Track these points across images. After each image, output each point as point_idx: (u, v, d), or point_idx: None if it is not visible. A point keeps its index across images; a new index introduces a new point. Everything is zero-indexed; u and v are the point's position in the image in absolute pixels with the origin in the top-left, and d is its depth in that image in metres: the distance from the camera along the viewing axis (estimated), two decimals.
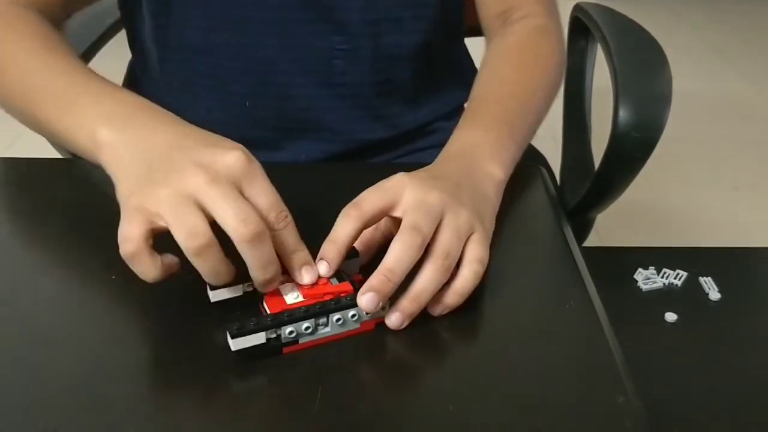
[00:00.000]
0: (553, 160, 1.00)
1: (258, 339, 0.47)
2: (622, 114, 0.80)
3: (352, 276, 0.51)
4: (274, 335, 0.47)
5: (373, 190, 0.52)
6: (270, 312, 0.48)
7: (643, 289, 0.91)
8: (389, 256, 0.49)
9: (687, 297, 0.89)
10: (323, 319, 0.48)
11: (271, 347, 0.47)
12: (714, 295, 0.89)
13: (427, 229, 0.50)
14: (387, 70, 0.77)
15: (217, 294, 0.50)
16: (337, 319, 0.48)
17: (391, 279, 0.48)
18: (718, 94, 2.50)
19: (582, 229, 0.99)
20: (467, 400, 0.45)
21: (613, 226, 1.71)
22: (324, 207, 0.52)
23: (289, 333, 0.47)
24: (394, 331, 0.50)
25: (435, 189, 0.52)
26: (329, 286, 0.50)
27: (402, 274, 0.48)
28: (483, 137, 0.63)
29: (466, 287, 0.51)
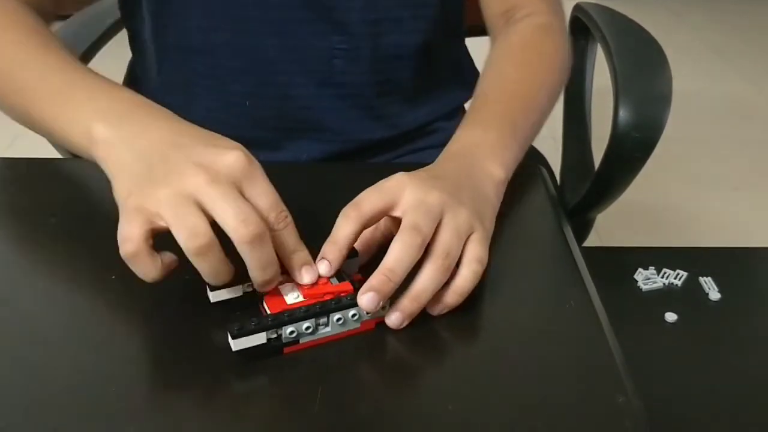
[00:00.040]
0: (553, 160, 1.00)
1: (259, 339, 0.47)
2: (622, 114, 0.80)
3: (352, 276, 0.51)
4: (275, 335, 0.47)
5: (373, 190, 0.52)
6: (270, 312, 0.48)
7: (643, 289, 0.91)
8: (389, 256, 0.49)
9: (687, 297, 0.89)
10: (324, 319, 0.48)
11: (272, 347, 0.47)
12: (714, 295, 0.89)
13: (427, 229, 0.50)
14: (387, 70, 0.77)
15: (217, 294, 0.50)
16: (337, 319, 0.48)
17: (391, 279, 0.48)
18: (718, 94, 2.50)
19: (582, 229, 0.99)
20: (467, 400, 0.45)
21: (613, 226, 1.71)
22: (324, 207, 0.52)
23: (290, 333, 0.47)
24: (394, 331, 0.50)
25: (435, 189, 0.52)
26: (329, 286, 0.50)
27: (402, 274, 0.48)
28: (484, 136, 0.62)
29: (466, 287, 0.51)
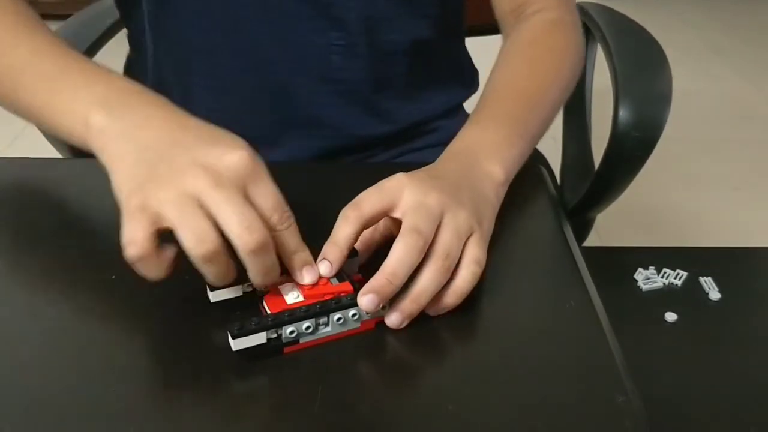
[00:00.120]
0: (553, 160, 1.00)
1: (259, 339, 0.46)
2: (622, 114, 0.80)
3: (352, 276, 0.51)
4: (275, 335, 0.47)
5: (373, 190, 0.52)
6: (270, 312, 0.48)
7: (643, 289, 0.91)
8: (391, 258, 0.48)
9: (687, 297, 0.89)
10: (324, 319, 0.48)
11: (272, 347, 0.47)
12: (714, 295, 0.89)
13: (427, 231, 0.50)
14: (384, 67, 0.77)
15: (217, 294, 0.50)
16: (337, 319, 0.48)
17: (392, 282, 0.48)
18: (718, 94, 2.50)
19: (582, 229, 0.99)
20: (467, 400, 0.45)
21: (613, 226, 1.71)
22: (324, 207, 0.52)
23: (290, 333, 0.47)
24: (394, 331, 0.50)
25: (434, 190, 0.52)
26: (329, 286, 0.50)
27: (404, 276, 0.48)
28: (486, 134, 0.62)
29: (464, 288, 0.51)
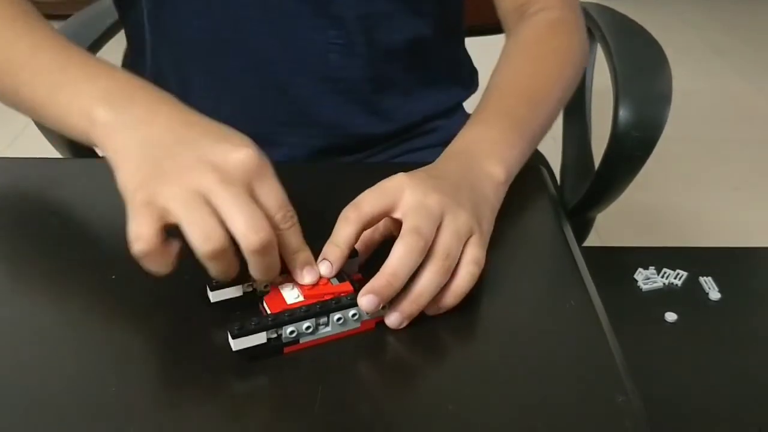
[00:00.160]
0: (553, 160, 1.00)
1: (259, 339, 0.46)
2: (622, 113, 0.80)
3: (352, 276, 0.51)
4: (275, 335, 0.47)
5: (373, 191, 0.52)
6: (270, 312, 0.48)
7: (643, 289, 0.91)
8: (392, 260, 0.48)
9: (687, 297, 0.89)
10: (324, 319, 0.48)
11: (272, 347, 0.47)
12: (714, 295, 0.89)
13: (428, 232, 0.49)
14: (382, 65, 0.77)
15: (217, 294, 0.50)
16: (337, 319, 0.48)
17: (393, 283, 0.48)
18: (718, 94, 2.50)
19: (582, 229, 0.99)
20: (467, 400, 0.45)
21: (613, 226, 1.71)
22: (324, 207, 0.52)
23: (290, 333, 0.47)
24: (394, 331, 0.50)
25: (434, 190, 0.52)
26: (329, 286, 0.50)
27: (404, 277, 0.48)
28: (486, 134, 0.62)
29: (462, 288, 0.51)
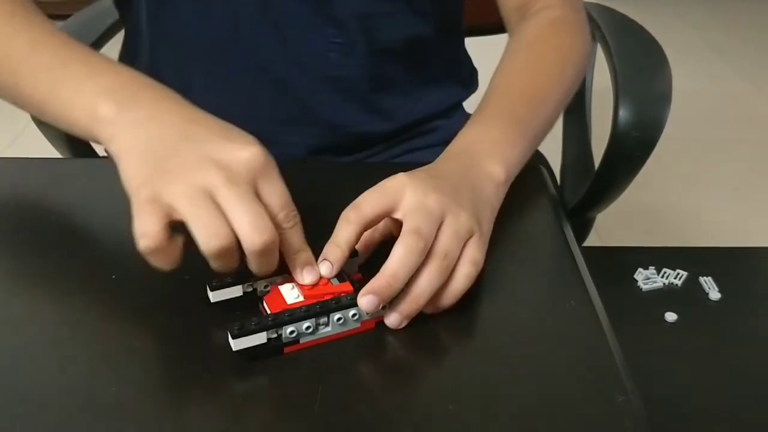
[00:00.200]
0: (553, 160, 1.00)
1: (259, 339, 0.46)
2: (622, 113, 0.80)
3: (352, 276, 0.51)
4: (275, 335, 0.47)
5: (373, 192, 0.52)
6: (270, 312, 0.48)
7: (643, 289, 0.91)
8: (392, 260, 0.48)
9: (687, 297, 0.89)
10: (324, 319, 0.48)
11: (272, 347, 0.47)
12: (714, 295, 0.89)
13: (428, 233, 0.49)
14: (381, 65, 0.77)
15: (217, 294, 0.50)
16: (337, 319, 0.48)
17: (393, 284, 0.48)
18: (718, 94, 2.50)
19: (582, 228, 0.99)
20: (467, 400, 0.45)
21: (613, 226, 1.71)
22: (324, 207, 0.52)
23: (290, 333, 0.47)
24: (394, 331, 0.50)
25: (435, 191, 0.52)
26: (330, 287, 0.50)
27: (404, 278, 0.48)
28: (486, 134, 0.62)
29: (459, 288, 0.51)
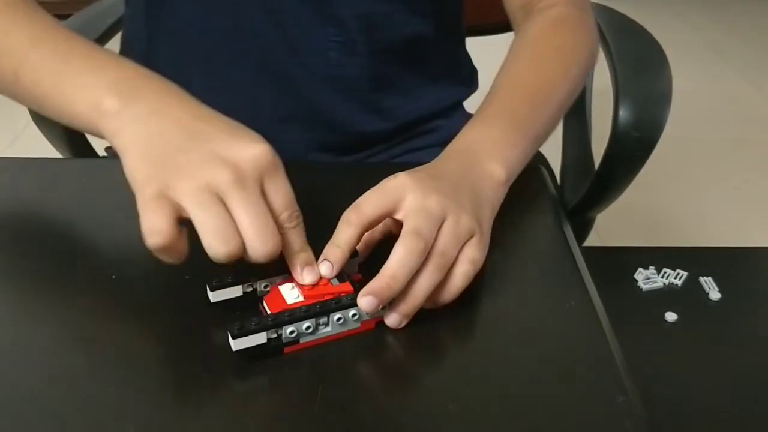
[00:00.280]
0: (553, 160, 1.00)
1: (259, 339, 0.46)
2: (622, 113, 0.80)
3: (352, 276, 0.51)
4: (275, 335, 0.47)
5: (374, 192, 0.52)
6: (270, 312, 0.48)
7: (643, 289, 0.91)
8: (392, 261, 0.48)
9: (687, 297, 0.89)
10: (324, 319, 0.48)
11: (272, 347, 0.47)
12: (714, 295, 0.89)
13: (429, 234, 0.49)
14: (381, 64, 0.77)
15: (217, 294, 0.50)
16: (337, 319, 0.48)
17: (392, 285, 0.48)
18: (718, 94, 2.50)
19: (582, 228, 0.99)
20: (467, 400, 0.45)
21: (613, 226, 1.71)
22: (324, 207, 0.52)
23: (290, 333, 0.47)
24: (394, 331, 0.50)
25: (435, 192, 0.52)
26: (330, 287, 0.50)
27: (404, 279, 0.48)
28: (487, 133, 0.62)
29: (456, 286, 0.51)
